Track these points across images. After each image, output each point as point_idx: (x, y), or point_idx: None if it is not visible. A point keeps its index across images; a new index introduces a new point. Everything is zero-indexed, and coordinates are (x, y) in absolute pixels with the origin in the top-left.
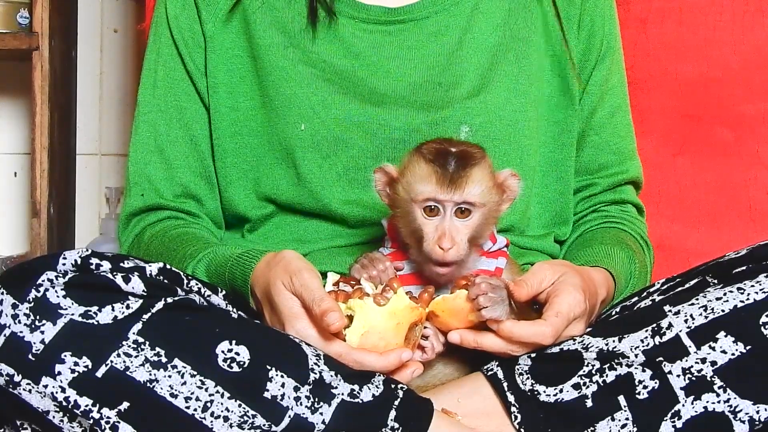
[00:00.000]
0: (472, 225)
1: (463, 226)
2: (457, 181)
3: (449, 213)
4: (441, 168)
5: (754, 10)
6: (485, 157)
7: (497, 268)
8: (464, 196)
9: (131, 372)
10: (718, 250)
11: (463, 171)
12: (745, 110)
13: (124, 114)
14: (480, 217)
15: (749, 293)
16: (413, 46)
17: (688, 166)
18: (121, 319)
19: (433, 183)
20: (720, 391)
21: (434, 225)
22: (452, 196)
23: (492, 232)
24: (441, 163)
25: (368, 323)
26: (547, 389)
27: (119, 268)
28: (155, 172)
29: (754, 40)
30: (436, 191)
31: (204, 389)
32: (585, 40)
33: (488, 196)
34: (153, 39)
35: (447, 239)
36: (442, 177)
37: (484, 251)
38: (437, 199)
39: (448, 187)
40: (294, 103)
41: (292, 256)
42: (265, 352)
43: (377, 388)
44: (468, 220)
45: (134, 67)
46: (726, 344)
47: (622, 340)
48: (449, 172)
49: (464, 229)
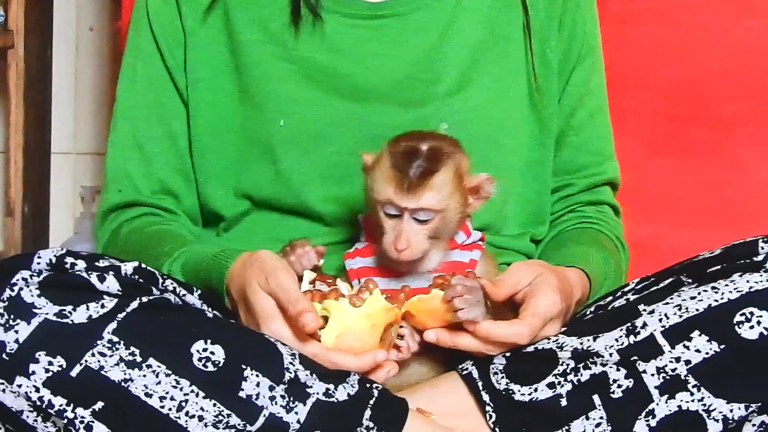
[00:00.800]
0: (431, 228)
1: (421, 228)
2: (416, 189)
3: (407, 216)
4: (401, 173)
5: (733, 12)
6: (455, 157)
7: (471, 260)
8: (421, 203)
9: (106, 371)
10: (695, 250)
11: (423, 178)
12: (723, 111)
13: (100, 113)
14: (440, 220)
15: (723, 293)
16: (395, 42)
17: (666, 167)
18: (96, 318)
19: (393, 187)
20: (694, 390)
21: (393, 225)
22: (409, 203)
23: (466, 225)
24: (403, 167)
25: (343, 325)
26: (521, 388)
27: (94, 267)
28: (134, 168)
29: (733, 41)
30: (394, 196)
31: (179, 389)
32: (566, 40)
33: (449, 201)
34: (132, 34)
35: (402, 241)
36: (400, 183)
37: (457, 244)
38: (394, 204)
39: (406, 193)
40: (274, 99)
41: (267, 256)
42: (240, 351)
43: (352, 388)
44: (427, 224)
45: (110, 65)
46: (700, 343)
47: (597, 340)
48: (409, 178)
49: (422, 231)
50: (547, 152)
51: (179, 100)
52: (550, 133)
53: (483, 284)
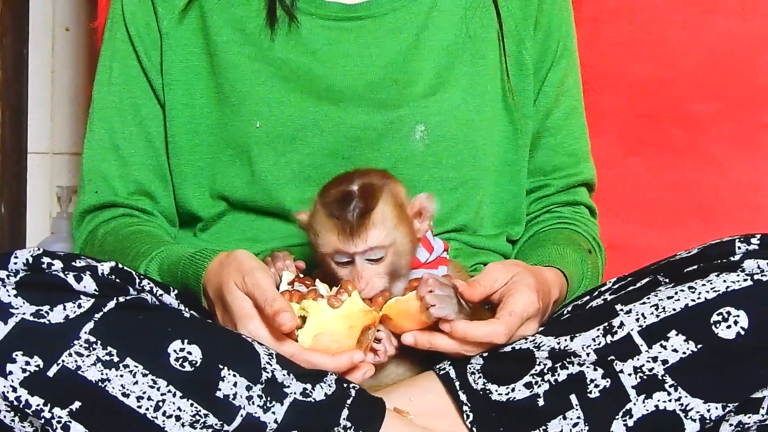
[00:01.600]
0: (387, 264)
1: (376, 267)
2: (359, 231)
3: (358, 260)
4: (340, 219)
5: (706, 11)
6: (388, 187)
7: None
8: (369, 243)
9: (83, 371)
10: (671, 249)
11: (362, 218)
12: (698, 110)
13: (76, 113)
14: (393, 255)
15: (700, 292)
16: (371, 44)
17: (641, 166)
18: (73, 318)
19: (336, 236)
20: (671, 390)
21: (347, 272)
22: (356, 247)
23: (426, 240)
24: (339, 213)
25: (321, 325)
26: (499, 388)
27: (71, 267)
28: (110, 169)
29: (706, 40)
30: (340, 245)
31: (156, 389)
32: (541, 41)
33: (395, 233)
34: (108, 35)
35: (362, 282)
36: (342, 230)
37: (421, 263)
38: (342, 252)
39: (350, 238)
40: (249, 101)
41: (244, 256)
42: (217, 351)
43: (330, 387)
44: (381, 262)
45: (86, 65)
46: (677, 343)
47: (574, 339)
48: (349, 222)
49: (379, 269)
50: (522, 153)
51: (155, 102)
52: (525, 134)
53: (456, 284)
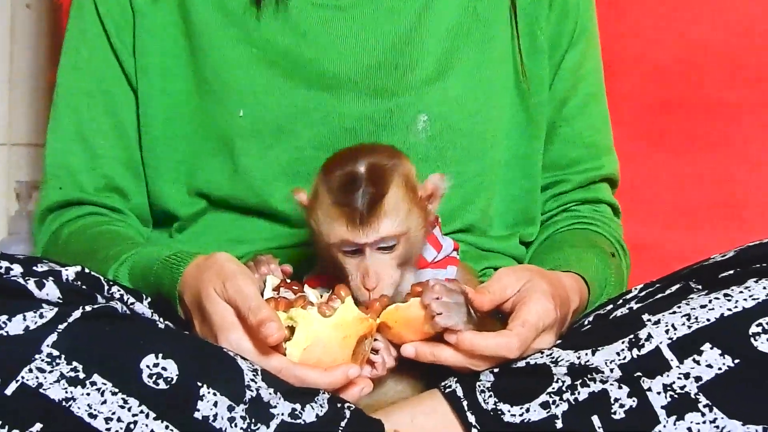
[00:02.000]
0: (399, 254)
1: (387, 258)
2: (369, 221)
3: (369, 251)
4: (348, 207)
5: None
6: (399, 168)
7: (447, 280)
8: (380, 233)
9: (45, 389)
10: (700, 252)
11: (373, 206)
12: (729, 98)
13: (38, 99)
14: (405, 243)
15: (737, 300)
16: (367, 25)
17: (666, 160)
18: (34, 329)
19: (344, 226)
20: (705, 410)
21: (355, 264)
22: (368, 237)
23: (434, 238)
24: (347, 201)
25: (312, 336)
26: (512, 408)
27: (32, 272)
28: (76, 162)
29: (739, 19)
30: (348, 235)
31: (127, 409)
32: (557, 21)
33: (409, 220)
34: (75, 14)
35: (372, 279)
36: (352, 219)
37: (428, 262)
38: (352, 243)
39: (360, 228)
40: (232, 87)
41: (225, 259)
42: (195, 366)
43: (321, 408)
44: (392, 252)
45: (49, 46)
46: (712, 357)
47: (596, 353)
48: (359, 211)
49: (390, 261)
50: (535, 145)
51: (127, 88)
52: (539, 123)
53: (465, 290)
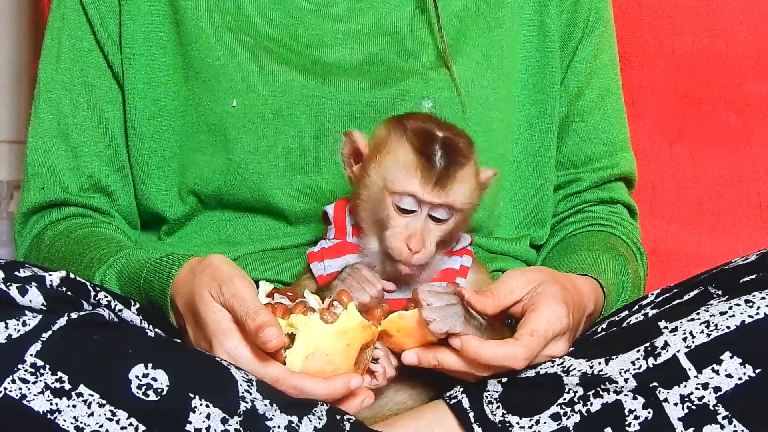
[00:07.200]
0: (446, 229)
1: (436, 228)
2: (444, 182)
3: (425, 213)
4: (428, 162)
5: None
6: (473, 150)
7: (462, 266)
8: (449, 199)
9: (28, 401)
10: (723, 255)
11: (452, 170)
12: (754, 90)
13: (18, 94)
14: (455, 221)
15: (759, 307)
16: (367, 9)
17: (687, 157)
18: (17, 338)
19: (417, 178)
20: (725, 422)
21: (405, 222)
22: (435, 198)
23: None
24: (428, 155)
25: (314, 344)
26: (521, 420)
27: (14, 277)
28: (59, 161)
29: (765, 8)
30: (419, 189)
31: (115, 421)
32: (570, 9)
33: (471, 199)
34: (56, 3)
35: (417, 241)
36: (427, 174)
37: (447, 250)
38: (417, 198)
39: (434, 187)
40: (224, 76)
41: (220, 261)
42: (186, 377)
43: (320, 420)
44: (443, 224)
45: (30, 37)
46: (732, 367)
47: (610, 362)
48: (437, 169)
49: (437, 232)
50: (547, 140)
51: (112, 80)
52: (552, 117)
53: (460, 292)
